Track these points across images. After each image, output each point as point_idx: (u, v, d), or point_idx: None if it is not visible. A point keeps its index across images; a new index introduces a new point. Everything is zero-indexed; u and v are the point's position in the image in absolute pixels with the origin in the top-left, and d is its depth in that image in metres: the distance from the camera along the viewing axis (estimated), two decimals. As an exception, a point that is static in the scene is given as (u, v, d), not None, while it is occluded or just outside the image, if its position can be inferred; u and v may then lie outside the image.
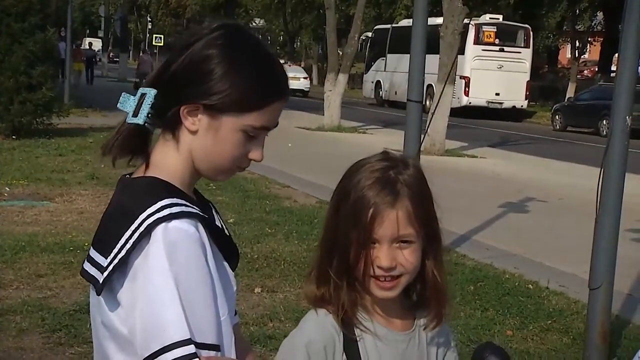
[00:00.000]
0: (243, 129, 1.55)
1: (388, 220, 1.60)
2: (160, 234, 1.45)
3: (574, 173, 14.82)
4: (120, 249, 1.47)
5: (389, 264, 1.61)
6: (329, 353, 1.63)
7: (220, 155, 1.57)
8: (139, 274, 1.46)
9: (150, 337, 1.43)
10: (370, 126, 23.50)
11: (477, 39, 29.83)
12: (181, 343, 1.42)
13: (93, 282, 1.52)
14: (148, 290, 1.44)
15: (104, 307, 1.53)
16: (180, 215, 1.47)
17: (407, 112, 6.37)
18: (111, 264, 1.48)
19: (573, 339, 5.46)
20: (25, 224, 7.94)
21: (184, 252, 1.46)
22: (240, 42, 1.57)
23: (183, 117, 1.53)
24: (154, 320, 1.43)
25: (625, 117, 4.83)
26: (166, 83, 1.55)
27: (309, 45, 60.46)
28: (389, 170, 1.65)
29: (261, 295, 5.98)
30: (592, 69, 47.98)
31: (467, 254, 7.75)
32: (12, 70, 14.84)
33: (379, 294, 1.65)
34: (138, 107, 1.55)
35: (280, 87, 1.60)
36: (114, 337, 1.52)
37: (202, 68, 1.53)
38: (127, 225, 1.47)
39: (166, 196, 1.50)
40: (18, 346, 4.71)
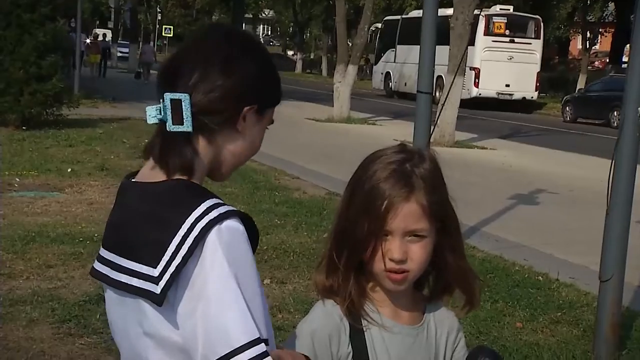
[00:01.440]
0: (269, 123, 1.66)
1: (402, 213, 1.59)
2: (216, 236, 1.43)
3: (584, 165, 14.78)
4: (173, 255, 1.43)
5: (401, 257, 1.60)
6: (333, 342, 1.63)
7: (251, 151, 1.64)
8: (198, 279, 1.43)
9: (216, 341, 1.41)
10: (380, 117, 23.46)
11: (488, 30, 29.72)
12: (251, 344, 1.40)
13: (143, 295, 1.47)
14: (210, 294, 1.42)
15: (152, 317, 1.49)
16: (229, 215, 1.46)
17: (417, 103, 6.34)
18: (166, 273, 1.44)
19: (583, 331, 5.45)
20: (35, 214, 7.97)
21: (239, 251, 1.45)
22: (262, 44, 1.71)
23: (243, 120, 1.58)
24: (219, 324, 1.41)
25: (637, 108, 4.80)
26: (219, 93, 1.54)
27: (318, 36, 60.44)
28: (405, 162, 1.64)
29: (270, 286, 5.99)
30: (603, 60, 47.76)
31: (477, 245, 7.74)
32: (22, 61, 14.86)
33: (389, 286, 1.65)
34: (175, 113, 1.51)
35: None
36: (162, 346, 1.48)
37: (253, 71, 1.60)
38: (172, 231, 1.44)
39: (208, 197, 1.48)
40: (28, 336, 4.73)
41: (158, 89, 1.56)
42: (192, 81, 1.54)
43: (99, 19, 73.53)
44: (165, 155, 1.53)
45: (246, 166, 11.87)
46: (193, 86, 1.54)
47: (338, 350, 1.63)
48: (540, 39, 30.96)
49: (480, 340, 5.11)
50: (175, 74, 1.57)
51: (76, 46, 24.27)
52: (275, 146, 13.83)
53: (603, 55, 49.25)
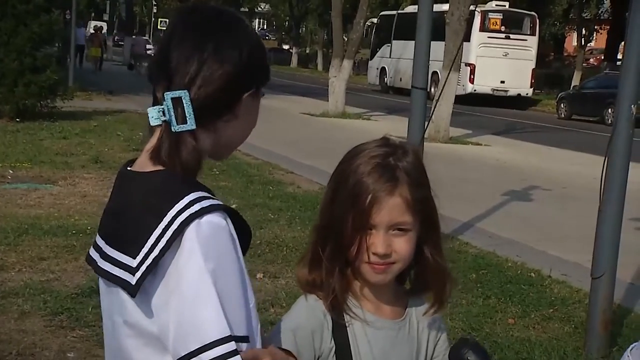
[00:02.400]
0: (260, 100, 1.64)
1: (386, 206, 1.60)
2: (194, 231, 1.42)
3: (578, 161, 14.80)
4: (151, 248, 1.43)
5: (385, 251, 1.61)
6: (316, 338, 1.63)
7: (249, 130, 1.64)
8: (173, 272, 1.43)
9: (187, 336, 1.41)
10: (375, 113, 23.46)
11: (483, 26, 29.73)
12: (221, 341, 1.40)
13: (121, 284, 1.48)
14: (184, 289, 1.42)
15: (130, 307, 1.49)
16: (211, 209, 1.45)
17: (412, 99, 6.35)
18: (143, 264, 1.44)
19: (575, 328, 5.46)
20: (28, 206, 7.95)
21: (218, 246, 1.44)
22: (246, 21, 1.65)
23: (244, 107, 1.57)
24: (192, 319, 1.41)
25: (631, 105, 4.81)
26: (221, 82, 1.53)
27: (314, 30, 60.38)
28: (389, 156, 1.64)
29: (263, 280, 5.99)
30: (598, 57, 47.83)
31: (470, 241, 7.75)
32: (17, 52, 14.84)
33: (372, 279, 1.65)
34: (178, 112, 1.50)
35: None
36: (140, 335, 1.49)
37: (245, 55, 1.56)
38: (155, 223, 1.44)
39: (192, 190, 1.47)
40: (19, 329, 4.72)
41: (154, 85, 1.55)
42: (188, 76, 1.52)
43: (94, 11, 73.32)
44: (175, 156, 1.50)
45: (240, 160, 11.90)
46: (190, 81, 1.51)
47: (321, 345, 1.63)
48: (535, 35, 30.98)
49: (472, 336, 5.11)
50: (168, 68, 1.54)
51: (72, 38, 24.23)
52: (269, 140, 13.83)
53: (598, 52, 49.32)
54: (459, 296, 5.97)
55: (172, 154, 1.50)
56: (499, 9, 30.45)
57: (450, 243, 7.54)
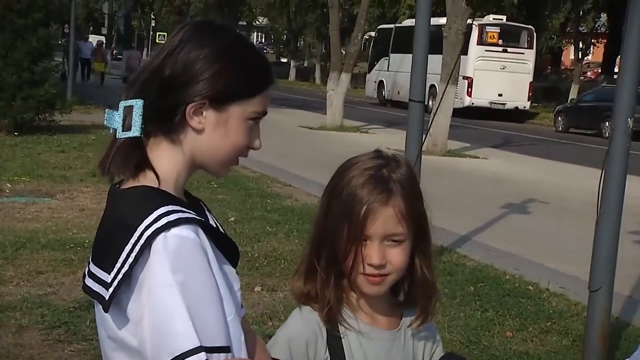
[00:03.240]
0: (249, 117, 1.57)
1: (380, 218, 1.61)
2: (161, 244, 1.44)
3: (575, 174, 14.81)
4: (123, 263, 1.45)
5: (380, 261, 1.62)
6: (310, 349, 1.64)
7: (228, 147, 1.57)
8: (144, 286, 1.45)
9: (159, 349, 1.43)
10: (373, 126, 23.48)
11: (481, 40, 29.80)
12: (192, 352, 1.41)
13: (98, 299, 1.50)
14: (154, 303, 1.44)
15: (110, 321, 1.52)
16: (178, 222, 1.46)
17: (410, 112, 6.36)
18: (115, 280, 1.46)
19: (573, 341, 5.46)
20: (26, 220, 7.95)
21: (186, 259, 1.44)
22: (228, 35, 1.60)
23: (189, 117, 1.52)
24: (162, 332, 1.43)
25: (627, 119, 4.82)
26: (160, 90, 1.53)
27: (312, 44, 60.44)
28: (382, 168, 1.66)
29: (261, 294, 5.98)
30: (595, 71, 47.93)
31: (468, 254, 7.75)
32: (15, 66, 14.86)
33: (368, 290, 1.66)
34: (127, 120, 1.53)
35: (271, 72, 1.63)
36: (122, 348, 1.52)
37: (200, 65, 1.53)
38: (126, 239, 1.45)
39: (161, 204, 1.48)
40: (17, 343, 4.71)
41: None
42: (142, 85, 1.55)
43: (93, 25, 73.46)
44: (115, 164, 1.55)
45: (238, 173, 11.89)
46: (143, 90, 1.54)
47: (315, 356, 1.64)
48: (533, 48, 31.06)
49: (470, 349, 5.11)
50: (135, 80, 1.58)
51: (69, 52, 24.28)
52: (267, 153, 13.83)
53: (595, 65, 49.40)
54: (456, 309, 5.97)
55: (120, 162, 1.54)
56: (497, 22, 30.52)
57: (448, 256, 7.54)
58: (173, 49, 1.55)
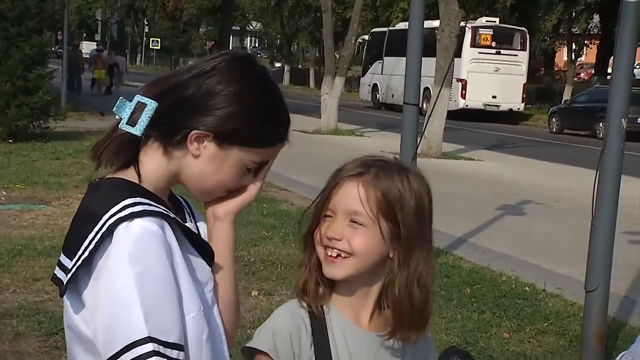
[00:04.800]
0: (247, 165, 1.60)
1: (343, 191, 1.62)
2: (122, 233, 1.45)
3: (570, 175, 14.84)
4: (84, 250, 1.47)
5: (335, 235, 1.62)
6: (294, 341, 1.64)
7: (216, 182, 1.60)
8: (102, 274, 1.46)
9: (112, 338, 1.44)
10: (367, 129, 23.50)
11: (474, 42, 29.85)
12: (140, 342, 1.42)
13: (58, 284, 1.53)
14: (109, 291, 1.44)
15: (69, 309, 1.54)
16: (142, 214, 1.47)
17: (404, 115, 6.37)
18: (75, 266, 1.48)
19: (569, 342, 5.47)
20: (22, 227, 7.94)
21: (145, 250, 1.45)
22: (260, 81, 1.61)
23: (189, 141, 1.54)
24: (115, 321, 1.44)
25: (621, 119, 4.84)
26: (177, 103, 1.55)
27: (305, 48, 60.52)
28: (379, 161, 1.67)
29: (258, 298, 5.98)
30: (588, 72, 48.03)
31: (464, 256, 7.76)
32: (9, 73, 14.86)
33: (326, 270, 1.65)
34: (134, 115, 1.54)
35: (286, 131, 1.64)
36: (79, 339, 1.53)
37: (221, 99, 1.54)
38: (91, 227, 1.47)
39: (129, 196, 1.49)
40: (15, 350, 4.71)
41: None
42: (163, 90, 1.57)
43: (86, 32, 73.41)
44: (107, 152, 1.56)
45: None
46: (161, 95, 1.56)
47: (300, 350, 1.63)
48: (526, 50, 31.12)
49: (468, 350, 5.12)
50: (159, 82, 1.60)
51: (63, 58, 24.25)
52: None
53: (589, 66, 49.53)
54: (453, 311, 5.98)
55: (112, 153, 1.55)
56: (489, 24, 30.59)
57: (445, 258, 7.55)
58: (203, 73, 1.56)
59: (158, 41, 49.08)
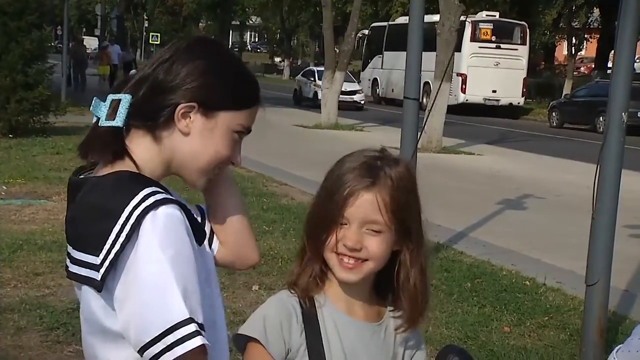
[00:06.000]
0: (236, 129, 1.62)
1: (361, 202, 1.63)
2: (150, 222, 1.47)
3: (571, 170, 14.84)
4: (112, 244, 1.48)
5: (354, 244, 1.63)
6: (285, 328, 1.65)
7: (211, 154, 1.62)
8: (133, 264, 1.48)
9: (149, 323, 1.45)
10: (367, 124, 23.50)
11: (474, 36, 29.84)
12: (182, 323, 1.44)
13: (88, 283, 1.54)
14: (143, 278, 1.46)
15: (89, 302, 1.56)
16: (165, 202, 1.50)
17: (404, 109, 6.37)
18: (106, 260, 1.49)
19: (570, 335, 5.48)
20: (22, 222, 7.94)
21: (174, 235, 1.49)
22: (221, 52, 1.67)
23: (177, 119, 1.57)
24: (153, 307, 1.46)
25: (622, 113, 4.84)
26: (151, 89, 1.59)
27: (305, 42, 60.48)
28: (377, 160, 1.68)
29: (259, 292, 5.99)
30: (588, 66, 48.01)
31: (465, 250, 7.76)
32: (9, 68, 14.82)
33: (341, 275, 1.67)
34: (112, 111, 1.58)
35: (259, 93, 1.69)
36: (100, 331, 1.55)
37: (193, 74, 1.59)
38: (113, 222, 1.49)
39: (145, 186, 1.52)
40: (16, 344, 4.72)
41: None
42: (134, 82, 1.61)
43: (85, 26, 73.34)
44: (94, 149, 1.61)
45: (234, 172, 11.83)
46: (132, 89, 1.60)
47: (290, 337, 1.65)
48: (526, 44, 31.12)
49: (468, 345, 5.13)
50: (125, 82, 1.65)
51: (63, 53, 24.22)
52: (263, 153, 13.83)
53: (589, 60, 49.49)
54: (454, 305, 5.99)
55: (93, 148, 1.60)
56: (490, 19, 30.58)
57: (445, 252, 7.55)
58: (167, 59, 1.61)
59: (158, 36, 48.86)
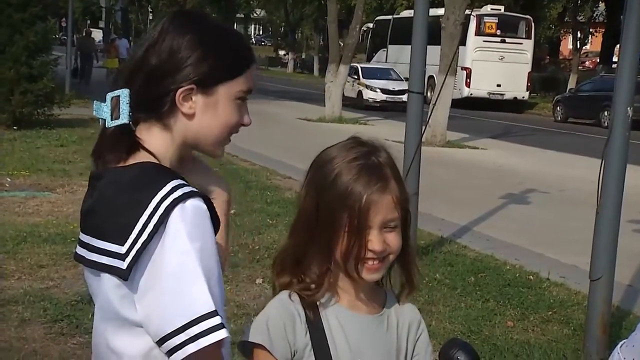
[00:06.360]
0: (236, 96, 1.64)
1: (381, 206, 1.63)
2: (179, 214, 1.49)
3: (575, 164, 14.82)
4: (139, 233, 1.49)
5: (381, 248, 1.64)
6: (288, 330, 1.64)
7: (220, 126, 1.64)
8: (159, 255, 1.49)
9: (173, 313, 1.46)
10: (372, 117, 23.48)
11: (479, 30, 29.76)
12: (207, 315, 1.46)
13: (111, 271, 1.54)
14: (170, 269, 1.48)
15: (108, 291, 1.56)
16: (192, 194, 1.52)
17: (408, 103, 6.37)
18: (133, 249, 1.50)
19: (574, 330, 5.48)
20: (26, 214, 7.96)
21: (202, 227, 1.51)
22: (205, 21, 1.67)
23: (179, 103, 1.59)
24: (178, 298, 1.47)
25: (626, 108, 4.83)
26: (147, 78, 1.60)
27: (310, 36, 60.37)
28: (370, 155, 1.67)
29: (262, 286, 5.99)
30: (593, 60, 47.88)
31: (468, 245, 7.76)
32: (13, 60, 14.83)
33: (368, 277, 1.67)
34: (115, 109, 1.60)
35: (251, 52, 1.70)
36: (116, 318, 1.56)
37: (184, 51, 1.59)
38: (140, 211, 1.50)
39: (172, 177, 1.54)
40: (20, 336, 4.73)
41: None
42: (129, 72, 1.62)
43: (90, 18, 73.28)
44: (107, 151, 1.61)
45: (238, 166, 11.89)
46: (128, 82, 1.61)
47: (295, 339, 1.64)
48: (531, 39, 31.02)
49: (472, 339, 5.13)
50: (120, 75, 1.67)
51: (67, 45, 24.21)
52: (267, 146, 13.83)
53: (594, 55, 49.36)
54: (457, 299, 5.99)
55: (112, 148, 1.60)
56: (494, 12, 30.49)
57: (449, 246, 7.55)
58: (155, 40, 1.62)
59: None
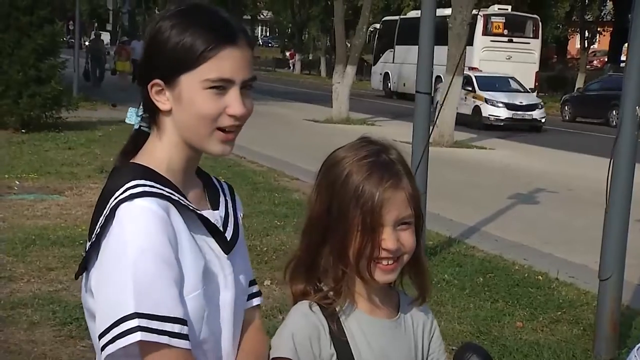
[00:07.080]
0: (205, 85, 1.55)
1: (394, 203, 1.61)
2: (122, 213, 1.49)
3: (583, 164, 14.78)
4: (95, 232, 1.53)
5: (395, 246, 1.62)
6: (314, 343, 1.63)
7: (196, 119, 1.57)
8: (103, 253, 1.51)
9: (105, 314, 1.49)
10: (379, 118, 23.46)
11: (486, 30, 29.70)
12: (126, 318, 1.45)
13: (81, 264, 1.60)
14: (108, 269, 1.50)
15: (83, 289, 1.61)
16: (142, 194, 1.51)
17: (416, 103, 6.36)
18: (87, 248, 1.56)
19: (583, 330, 5.46)
20: (35, 217, 7.97)
21: (144, 228, 1.49)
22: (165, 15, 1.63)
23: (155, 100, 1.60)
24: (106, 296, 1.49)
25: (635, 107, 4.81)
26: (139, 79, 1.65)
27: (316, 36, 60.32)
28: (380, 153, 1.66)
29: (270, 287, 5.99)
30: (601, 59, 47.76)
31: (477, 245, 7.75)
32: (21, 63, 14.89)
33: (381, 278, 1.65)
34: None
35: (221, 35, 1.57)
36: (92, 317, 1.57)
37: (150, 48, 1.61)
38: (103, 209, 1.54)
39: (133, 178, 1.54)
40: (29, 339, 4.74)
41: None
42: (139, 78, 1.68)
43: (97, 21, 73.45)
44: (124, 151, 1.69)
45: (245, 167, 11.90)
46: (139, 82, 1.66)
47: (320, 351, 1.63)
48: (538, 38, 30.94)
49: (481, 340, 5.12)
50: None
51: (75, 48, 24.27)
52: (274, 147, 13.84)
53: (601, 54, 49.24)
54: (466, 300, 5.98)
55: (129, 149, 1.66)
56: (501, 12, 30.43)
57: (457, 247, 7.54)
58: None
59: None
